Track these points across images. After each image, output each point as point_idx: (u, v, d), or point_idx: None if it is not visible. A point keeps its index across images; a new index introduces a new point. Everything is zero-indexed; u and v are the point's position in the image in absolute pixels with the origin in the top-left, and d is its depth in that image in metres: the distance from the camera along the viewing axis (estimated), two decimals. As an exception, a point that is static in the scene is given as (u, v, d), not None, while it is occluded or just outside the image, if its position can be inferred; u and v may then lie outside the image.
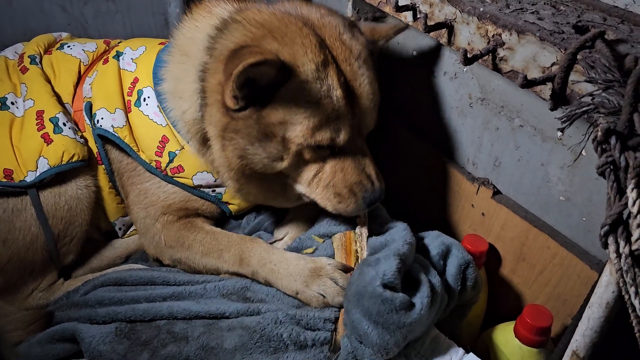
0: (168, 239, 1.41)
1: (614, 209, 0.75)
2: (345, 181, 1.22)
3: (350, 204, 1.23)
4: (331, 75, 1.14)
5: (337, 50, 1.18)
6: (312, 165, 1.23)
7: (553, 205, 1.34)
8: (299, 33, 1.15)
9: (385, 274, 1.06)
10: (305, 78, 1.12)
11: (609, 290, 0.82)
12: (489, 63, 1.03)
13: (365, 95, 1.20)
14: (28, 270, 1.38)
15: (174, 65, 1.35)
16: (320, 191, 1.25)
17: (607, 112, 0.79)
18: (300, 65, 1.11)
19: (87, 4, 1.98)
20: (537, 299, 1.42)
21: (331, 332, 1.13)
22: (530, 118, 1.33)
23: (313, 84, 1.12)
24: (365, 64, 1.22)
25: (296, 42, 1.13)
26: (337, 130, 1.17)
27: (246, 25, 1.18)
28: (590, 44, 0.87)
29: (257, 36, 1.15)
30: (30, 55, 1.50)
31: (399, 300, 1.04)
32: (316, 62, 1.13)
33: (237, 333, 1.13)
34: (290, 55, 1.11)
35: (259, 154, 1.20)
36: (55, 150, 1.33)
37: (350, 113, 1.18)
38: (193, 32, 1.33)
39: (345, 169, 1.22)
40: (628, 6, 1.03)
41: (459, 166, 1.60)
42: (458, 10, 1.08)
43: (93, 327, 1.21)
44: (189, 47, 1.31)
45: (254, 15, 1.20)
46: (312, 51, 1.13)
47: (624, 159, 0.75)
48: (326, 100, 1.13)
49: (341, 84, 1.15)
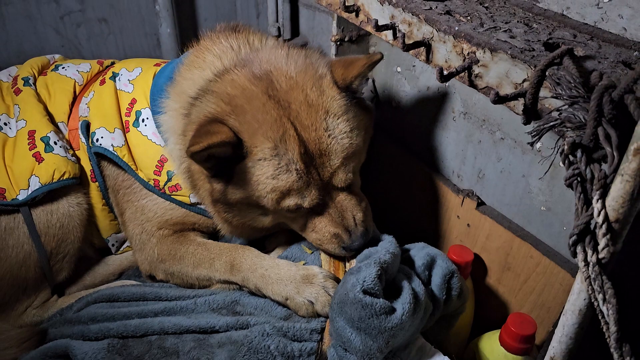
0: (161, 252, 1.43)
1: (581, 219, 0.78)
2: (323, 234, 1.28)
3: (330, 250, 1.30)
4: (291, 148, 1.17)
5: (301, 116, 1.19)
6: (297, 217, 1.29)
7: (535, 215, 1.37)
8: (261, 109, 1.18)
9: (365, 280, 1.09)
10: (263, 156, 1.17)
11: (581, 297, 0.85)
12: (465, 80, 1.07)
13: (333, 154, 1.21)
14: (21, 288, 1.40)
15: (172, 102, 1.39)
16: (307, 235, 1.32)
17: (573, 127, 0.82)
18: (257, 144, 1.16)
19: (80, 26, 2.02)
20: (522, 307, 1.44)
21: (317, 343, 1.15)
22: (511, 131, 1.37)
23: (270, 161, 1.17)
24: (334, 121, 1.22)
25: (256, 119, 1.17)
26: (302, 197, 1.21)
27: (217, 98, 1.23)
28: (559, 61, 0.90)
29: (224, 112, 1.20)
30: (23, 77, 1.53)
31: (379, 305, 1.07)
32: (274, 138, 1.16)
33: (227, 349, 1.16)
34: (248, 135, 1.17)
35: (242, 216, 1.30)
36: (46, 168, 1.36)
37: (316, 178, 1.21)
38: (187, 80, 1.37)
39: (323, 222, 1.27)
40: (597, 23, 1.07)
41: (444, 178, 1.63)
42: (435, 30, 1.12)
43: (85, 344, 1.22)
44: (182, 95, 1.36)
45: (227, 89, 1.24)
46: (271, 128, 1.17)
47: (590, 171, 0.78)
48: (285, 174, 1.17)
49: (301, 155, 1.18)
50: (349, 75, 1.26)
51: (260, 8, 2.30)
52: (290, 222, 1.32)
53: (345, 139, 1.22)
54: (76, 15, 2.01)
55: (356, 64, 1.27)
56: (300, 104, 1.20)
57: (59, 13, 1.97)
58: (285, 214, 1.27)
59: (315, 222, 1.28)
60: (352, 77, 1.26)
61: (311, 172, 1.20)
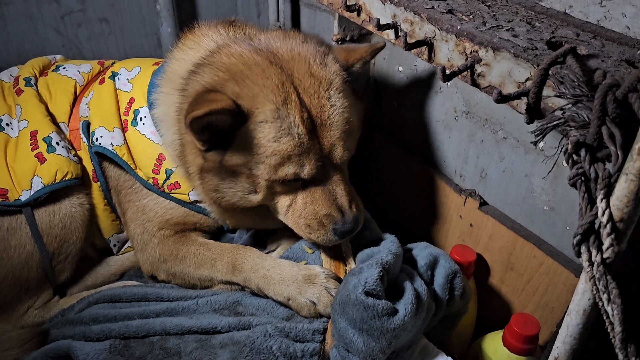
0: (163, 253, 1.43)
1: (585, 219, 0.78)
2: (314, 213, 1.23)
3: (320, 235, 1.24)
4: (293, 112, 1.16)
5: (304, 84, 1.20)
6: (285, 196, 1.26)
7: (538, 215, 1.37)
8: (262, 74, 1.17)
9: (367, 281, 1.09)
10: (264, 118, 1.15)
11: (585, 297, 0.84)
12: (468, 79, 1.06)
13: (334, 125, 1.21)
14: (23, 288, 1.40)
15: (163, 95, 1.38)
16: (294, 221, 1.28)
17: (577, 126, 0.81)
18: (258, 106, 1.15)
19: (81, 26, 2.02)
20: (525, 308, 1.44)
21: (320, 343, 1.15)
22: (513, 130, 1.36)
23: (272, 123, 1.15)
24: (336, 93, 1.23)
25: (257, 83, 1.16)
26: (301, 165, 1.18)
27: (214, 68, 1.22)
28: (562, 60, 0.90)
29: (222, 80, 1.19)
30: (25, 77, 1.53)
31: (381, 306, 1.06)
32: (276, 101, 1.15)
33: (229, 349, 1.15)
34: (249, 98, 1.15)
35: (232, 189, 1.25)
36: (48, 169, 1.36)
37: (316, 147, 1.20)
38: (180, 64, 1.36)
39: (315, 201, 1.23)
40: (600, 22, 1.07)
41: (446, 178, 1.63)
42: (437, 29, 1.11)
43: (87, 345, 1.22)
44: (175, 79, 1.34)
45: (223, 59, 1.23)
46: (273, 91, 1.16)
47: (594, 171, 0.78)
48: (287, 137, 1.15)
49: (304, 119, 1.17)
50: (352, 57, 1.30)
51: (261, 7, 2.30)
52: (276, 202, 1.28)
53: (346, 113, 1.23)
54: (77, 15, 2.01)
55: (359, 49, 1.32)
56: (304, 73, 1.21)
57: (60, 13, 1.97)
58: (278, 188, 1.23)
59: (307, 202, 1.24)
60: (355, 60, 1.30)
61: (312, 139, 1.19)
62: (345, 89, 1.25)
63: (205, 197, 1.33)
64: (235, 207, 1.30)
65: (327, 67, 1.25)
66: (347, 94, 1.26)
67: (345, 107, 1.23)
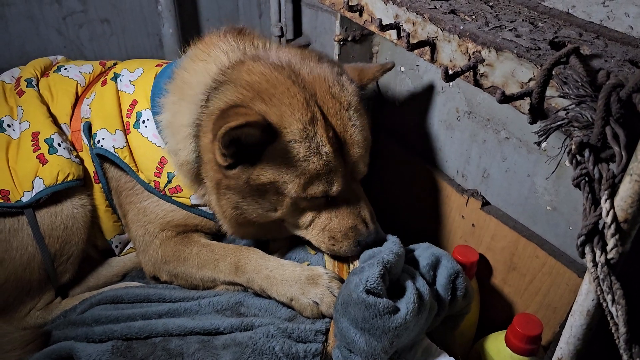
0: (165, 254, 1.43)
1: (589, 219, 0.77)
2: (340, 226, 1.27)
3: (344, 246, 1.28)
4: (320, 131, 1.18)
5: (327, 104, 1.22)
6: (309, 212, 1.28)
7: (540, 215, 1.37)
8: (287, 93, 1.18)
9: (368, 280, 1.09)
10: (293, 138, 1.16)
11: (589, 298, 0.84)
12: (471, 79, 1.06)
13: (356, 144, 1.25)
14: (25, 290, 1.40)
15: (171, 101, 1.38)
16: (315, 234, 1.30)
17: (580, 126, 0.81)
18: (287, 126, 1.16)
19: (83, 27, 2.02)
20: (528, 308, 1.44)
21: (322, 344, 1.15)
22: (516, 130, 1.36)
23: (301, 143, 1.16)
24: (355, 113, 1.26)
25: (283, 102, 1.17)
26: (329, 183, 1.21)
27: (237, 87, 1.22)
28: (565, 60, 0.90)
29: (247, 98, 1.19)
30: (26, 78, 1.53)
31: (382, 305, 1.06)
32: (303, 121, 1.16)
33: (231, 350, 1.15)
34: (277, 117, 1.15)
35: (253, 207, 1.26)
36: (50, 170, 1.36)
37: (341, 164, 1.22)
38: (190, 74, 1.36)
39: (340, 215, 1.27)
40: (603, 22, 1.06)
41: (448, 178, 1.62)
42: (439, 29, 1.11)
43: (90, 346, 1.22)
44: (186, 89, 1.35)
45: (245, 76, 1.24)
46: (299, 110, 1.17)
47: (598, 171, 0.78)
48: (315, 157, 1.17)
49: (330, 138, 1.19)
50: (365, 77, 1.38)
51: (262, 8, 2.30)
52: (297, 218, 1.29)
53: (365, 132, 1.28)
54: (78, 16, 2.01)
55: (371, 69, 1.40)
56: (325, 93, 1.23)
57: (62, 14, 1.97)
58: (303, 204, 1.25)
59: (332, 217, 1.27)
60: (368, 80, 1.38)
61: (338, 158, 1.21)
62: (362, 108, 1.30)
63: (218, 211, 1.33)
64: (251, 222, 1.31)
65: (344, 88, 1.28)
66: (364, 113, 1.30)
67: (364, 125, 1.28)
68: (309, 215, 1.28)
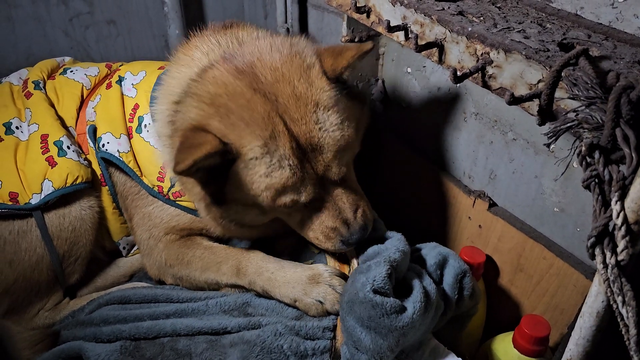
0: (169, 257, 1.43)
1: (600, 221, 0.78)
2: (320, 228, 1.24)
3: (328, 246, 1.26)
4: (282, 144, 1.13)
5: (290, 110, 1.15)
6: (294, 214, 1.26)
7: (548, 216, 1.37)
8: (246, 106, 1.13)
9: (375, 279, 1.09)
10: (253, 156, 1.12)
11: (599, 300, 0.84)
12: (479, 80, 1.06)
13: (326, 148, 1.17)
14: (34, 291, 1.41)
15: (159, 112, 1.35)
16: (304, 233, 1.29)
17: (590, 128, 0.81)
18: (246, 145, 1.12)
19: (89, 28, 2.03)
20: (535, 309, 1.43)
21: (330, 340, 1.15)
22: (523, 132, 1.36)
23: (262, 159, 1.12)
24: (324, 113, 1.17)
25: (243, 118, 1.12)
26: (297, 193, 1.17)
27: (198, 101, 1.18)
28: (574, 61, 0.90)
29: (207, 115, 1.15)
30: (34, 80, 1.53)
31: (389, 304, 1.06)
32: (263, 136, 1.12)
33: (239, 348, 1.15)
34: (235, 136, 1.12)
35: (240, 215, 1.26)
36: (59, 172, 1.36)
37: (310, 172, 1.17)
38: (173, 82, 1.32)
39: (319, 218, 1.23)
40: (612, 23, 1.06)
41: (455, 179, 1.62)
42: (448, 30, 1.11)
43: (98, 346, 1.23)
44: (167, 100, 1.30)
45: (208, 87, 1.18)
46: (259, 126, 1.12)
47: (608, 173, 0.78)
48: (279, 171, 1.13)
49: (294, 150, 1.14)
50: (339, 66, 1.22)
51: (268, 9, 2.30)
52: (287, 219, 1.29)
53: (337, 132, 1.18)
54: (85, 18, 2.01)
55: (345, 54, 1.23)
56: (288, 97, 1.15)
57: (68, 15, 1.98)
58: (283, 210, 1.24)
59: (313, 218, 1.24)
60: (342, 68, 1.22)
61: (305, 166, 1.16)
62: (335, 104, 1.19)
63: (212, 223, 1.33)
64: (244, 225, 1.31)
65: (312, 85, 1.18)
66: (338, 109, 1.19)
67: (336, 125, 1.18)
68: (294, 217, 1.27)
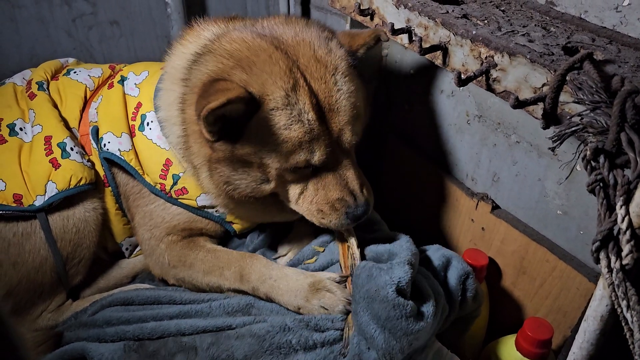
0: (171, 258, 1.43)
1: (604, 225, 0.78)
2: (326, 198, 1.23)
3: (333, 219, 1.24)
4: (302, 98, 1.15)
5: (310, 69, 1.19)
6: (296, 184, 1.25)
7: (551, 219, 1.37)
8: (268, 60, 1.16)
9: (400, 280, 1.08)
10: (275, 106, 1.14)
11: (603, 303, 0.84)
12: (483, 83, 1.07)
13: (342, 110, 1.20)
14: (37, 292, 1.40)
15: (164, 93, 1.37)
16: (306, 207, 1.27)
17: (595, 132, 0.81)
18: (268, 94, 1.13)
19: (92, 29, 2.03)
20: (538, 312, 1.43)
21: (341, 331, 1.15)
22: (526, 134, 1.36)
23: (282, 111, 1.14)
24: (342, 78, 1.22)
25: (264, 70, 1.15)
26: (311, 152, 1.18)
27: (217, 56, 1.20)
28: (579, 65, 0.90)
29: (227, 67, 1.17)
30: (37, 81, 1.53)
31: (410, 307, 1.06)
32: (285, 88, 1.14)
33: (247, 342, 1.15)
34: (258, 85, 1.13)
35: (244, 180, 1.24)
36: (63, 174, 1.36)
37: (326, 132, 1.19)
38: (179, 57, 1.35)
39: (327, 186, 1.23)
40: (615, 27, 1.06)
41: (458, 182, 1.62)
42: (452, 33, 1.11)
43: (102, 346, 1.23)
44: (175, 74, 1.33)
45: (226, 45, 1.22)
46: (281, 78, 1.14)
47: (613, 177, 0.78)
48: (297, 124, 1.14)
49: (313, 105, 1.16)
50: (355, 43, 1.29)
51: (270, 10, 2.30)
52: (288, 190, 1.27)
53: (352, 98, 1.22)
54: (88, 18, 2.01)
55: (362, 34, 1.31)
56: (309, 58, 1.19)
57: (71, 16, 1.97)
58: (289, 177, 1.23)
59: (318, 187, 1.24)
60: (358, 45, 1.29)
61: (321, 125, 1.18)
62: (351, 73, 1.24)
63: (215, 190, 1.30)
64: (247, 198, 1.29)
65: (331, 51, 1.23)
66: (353, 78, 1.24)
67: (352, 91, 1.22)
68: (297, 188, 1.25)
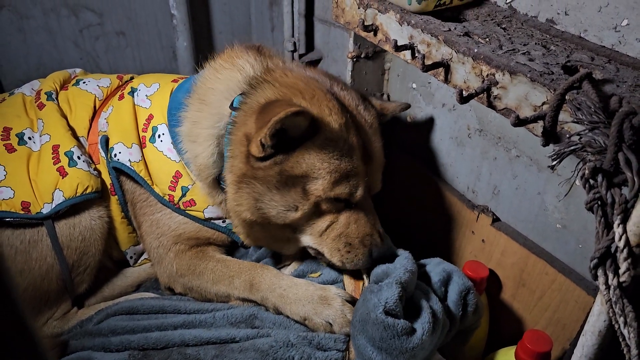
0: (180, 267, 1.45)
1: (602, 243, 0.80)
2: (358, 232, 1.28)
3: (359, 254, 1.28)
4: (352, 136, 1.25)
5: (355, 117, 1.31)
6: (327, 216, 1.28)
7: (550, 232, 1.39)
8: (324, 97, 1.26)
9: (387, 301, 1.10)
10: (330, 135, 1.21)
11: (601, 319, 0.86)
12: (484, 100, 1.09)
13: (376, 158, 1.33)
14: (43, 300, 1.42)
15: (192, 111, 1.41)
16: (331, 241, 1.29)
17: (594, 151, 0.84)
18: (327, 123, 1.21)
19: (99, 39, 2.05)
20: (537, 324, 1.45)
21: (343, 352, 1.16)
22: (526, 149, 1.38)
23: (337, 142, 1.22)
24: (376, 133, 1.36)
25: (322, 103, 1.24)
26: (355, 187, 1.25)
27: (276, 85, 1.29)
28: (578, 85, 0.92)
29: (288, 95, 1.25)
30: (46, 91, 1.56)
31: (401, 326, 1.08)
32: (340, 122, 1.23)
33: (250, 356, 1.16)
34: (318, 113, 1.21)
35: (275, 202, 1.25)
36: (70, 182, 1.38)
37: (365, 172, 1.27)
38: (214, 82, 1.41)
39: (359, 221, 1.29)
40: (614, 46, 1.09)
41: (459, 194, 1.64)
42: (454, 51, 1.14)
43: (107, 355, 1.24)
44: (209, 96, 1.39)
45: (282, 78, 1.31)
46: (337, 113, 1.24)
47: (611, 196, 0.80)
48: (347, 158, 1.23)
49: (360, 145, 1.26)
50: (385, 109, 1.51)
51: (275, 22, 2.33)
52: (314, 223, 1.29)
53: (382, 152, 1.37)
54: (95, 29, 2.04)
55: (391, 105, 1.54)
56: (354, 108, 1.33)
57: (78, 26, 2.00)
58: (324, 206, 1.25)
59: (350, 220, 1.28)
60: (387, 112, 1.52)
61: (363, 165, 1.28)
62: (380, 132, 1.39)
63: (233, 208, 1.31)
64: (263, 222, 1.30)
65: (369, 109, 1.38)
66: (381, 137, 1.38)
67: (381, 146, 1.37)
68: (327, 219, 1.28)
